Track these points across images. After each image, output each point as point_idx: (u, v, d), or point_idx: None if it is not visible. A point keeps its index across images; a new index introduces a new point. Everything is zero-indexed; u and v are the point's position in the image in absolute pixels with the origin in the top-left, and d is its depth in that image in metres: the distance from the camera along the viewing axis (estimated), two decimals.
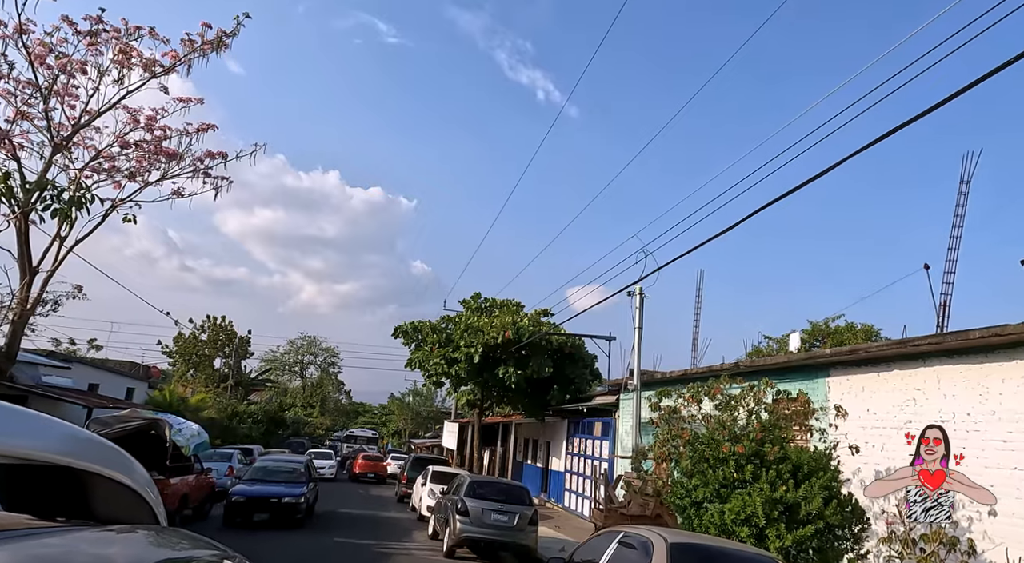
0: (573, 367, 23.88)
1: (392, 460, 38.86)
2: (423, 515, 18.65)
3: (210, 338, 46.24)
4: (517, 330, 22.17)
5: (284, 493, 14.21)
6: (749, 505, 6.76)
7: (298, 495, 14.28)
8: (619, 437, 19.76)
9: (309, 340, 66.32)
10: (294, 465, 16.33)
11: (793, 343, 17.26)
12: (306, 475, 15.80)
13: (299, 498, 14.21)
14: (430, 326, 24.95)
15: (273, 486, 14.54)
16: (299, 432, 54.41)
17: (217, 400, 33.85)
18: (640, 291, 12.98)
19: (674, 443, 9.08)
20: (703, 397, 9.13)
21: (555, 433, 26.02)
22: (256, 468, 16.18)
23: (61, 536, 1.13)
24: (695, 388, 9.21)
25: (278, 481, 14.98)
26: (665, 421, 9.67)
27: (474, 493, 12.95)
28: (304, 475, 15.71)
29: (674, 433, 9.24)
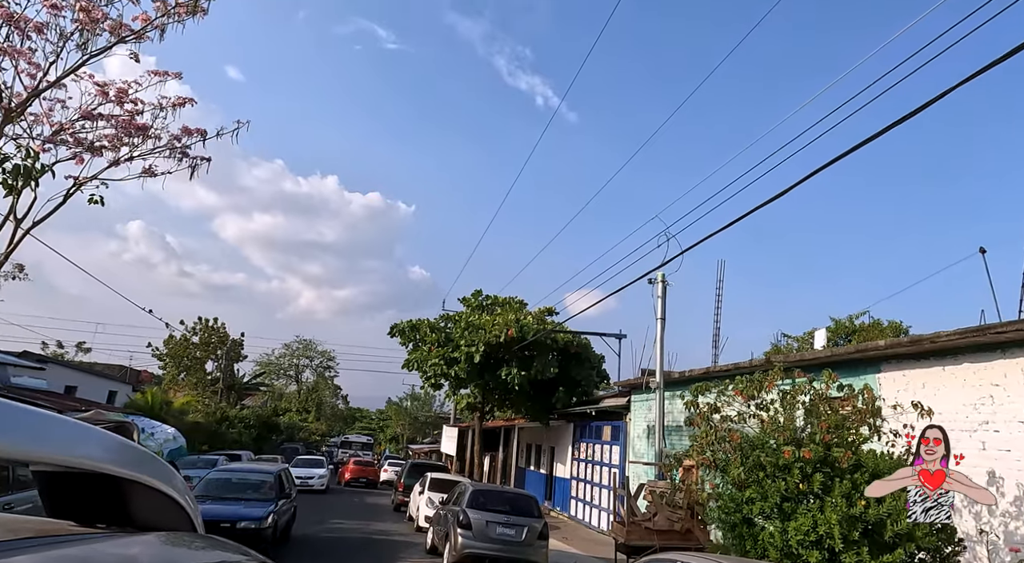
0: (579, 368, 22.57)
1: (389, 466, 37.52)
2: (421, 526, 17.33)
3: (202, 340, 44.79)
4: (521, 328, 20.87)
5: (242, 515, 11.28)
6: (822, 523, 5.49)
7: (260, 517, 11.33)
8: (631, 441, 18.45)
9: (305, 343, 64.92)
10: (261, 477, 13.20)
11: (819, 340, 15.98)
12: (276, 489, 12.76)
13: (262, 521, 11.27)
14: (428, 324, 23.63)
15: (229, 505, 11.58)
16: (294, 437, 52.95)
17: (205, 404, 32.47)
18: (663, 278, 11.69)
19: (719, 447, 7.75)
20: (755, 392, 7.80)
21: (560, 438, 24.69)
22: (210, 481, 13.03)
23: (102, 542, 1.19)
24: (744, 381, 7.91)
25: (237, 498, 12.10)
26: (705, 421, 8.34)
27: (477, 503, 11.62)
28: (273, 489, 12.71)
29: (719, 435, 7.92)
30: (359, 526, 17.51)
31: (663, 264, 10.51)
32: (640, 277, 10.68)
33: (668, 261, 10.44)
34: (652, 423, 17.23)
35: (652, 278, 11.62)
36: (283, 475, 13.92)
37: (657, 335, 11.46)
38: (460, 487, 12.94)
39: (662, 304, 11.59)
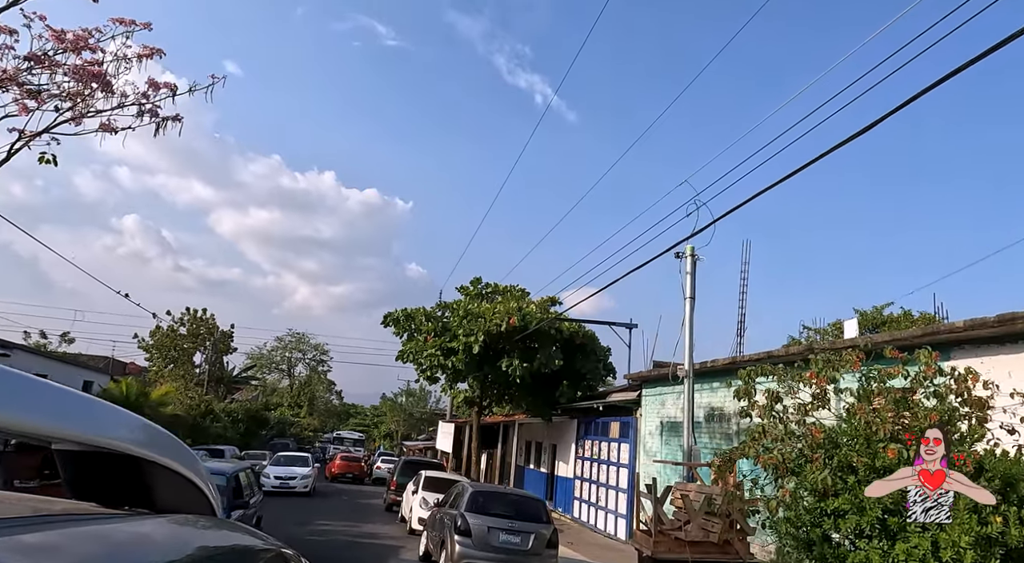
0: (585, 360, 21.18)
1: (382, 463, 36.12)
2: (414, 528, 15.93)
3: (190, 332, 43.28)
4: (523, 316, 19.46)
5: None
6: (946, 545, 4.15)
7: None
8: (642, 439, 17.08)
9: (297, 337, 63.44)
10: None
11: (850, 331, 14.56)
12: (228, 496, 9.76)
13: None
14: (424, 313, 22.21)
15: None
16: (285, 433, 51.48)
17: (189, 396, 30.97)
18: (692, 251, 10.27)
19: (788, 444, 6.32)
20: (836, 374, 6.36)
21: (562, 434, 23.31)
22: None
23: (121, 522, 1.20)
24: (821, 362, 6.49)
25: None
26: (767, 412, 6.92)
27: (478, 506, 10.22)
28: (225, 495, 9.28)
29: (787, 429, 6.49)
30: (346, 528, 16.09)
31: (693, 234, 9.15)
32: (666, 250, 9.30)
33: (698, 231, 9.08)
34: (667, 419, 15.84)
35: (680, 251, 10.17)
36: (242, 476, 11.35)
37: (685, 316, 10.00)
38: (458, 487, 11.53)
39: (691, 281, 10.14)
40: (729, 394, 12.04)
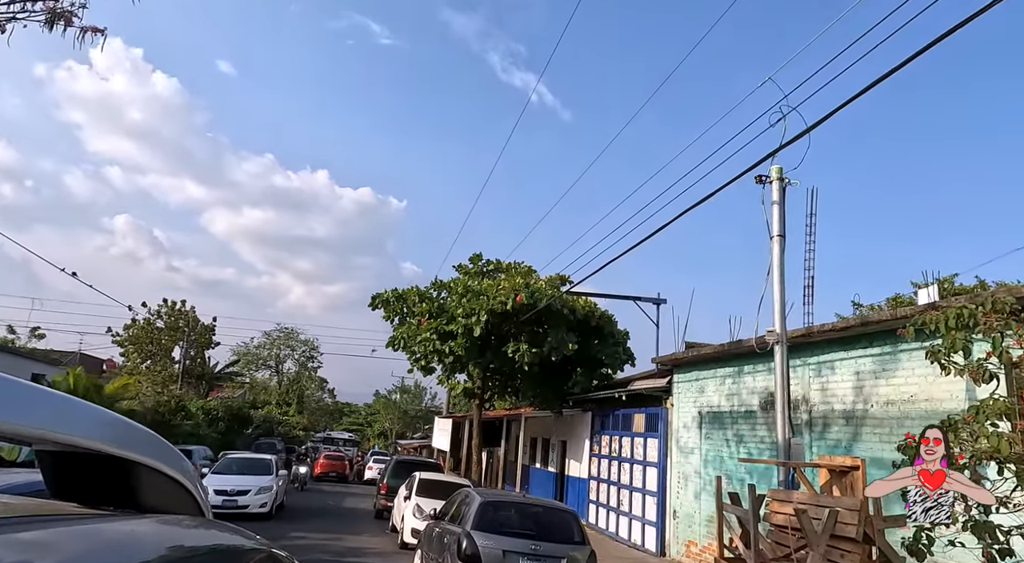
0: (603, 344, 18.61)
1: (374, 463, 33.62)
2: (406, 542, 13.39)
3: (168, 325, 40.51)
4: (532, 293, 16.87)
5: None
6: None
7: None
8: (674, 433, 14.54)
9: (286, 332, 60.59)
10: None
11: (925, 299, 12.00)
12: None
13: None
14: (417, 293, 19.60)
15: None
16: (272, 431, 48.72)
17: (157, 391, 28.26)
18: (779, 174, 7.66)
19: None
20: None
21: (573, 429, 20.76)
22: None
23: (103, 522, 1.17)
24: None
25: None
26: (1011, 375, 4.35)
27: (488, 522, 7.65)
28: None
29: None
30: (325, 541, 13.49)
31: (780, 148, 6.56)
32: (745, 172, 6.71)
33: (787, 143, 6.51)
34: (708, 408, 13.30)
35: (764, 175, 7.58)
36: None
37: (773, 260, 7.31)
38: (461, 496, 8.93)
39: (780, 213, 7.43)
40: (835, 371, 9.46)
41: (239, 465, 16.50)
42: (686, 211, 8.30)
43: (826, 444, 9.73)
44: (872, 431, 8.85)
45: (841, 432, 9.51)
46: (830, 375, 9.92)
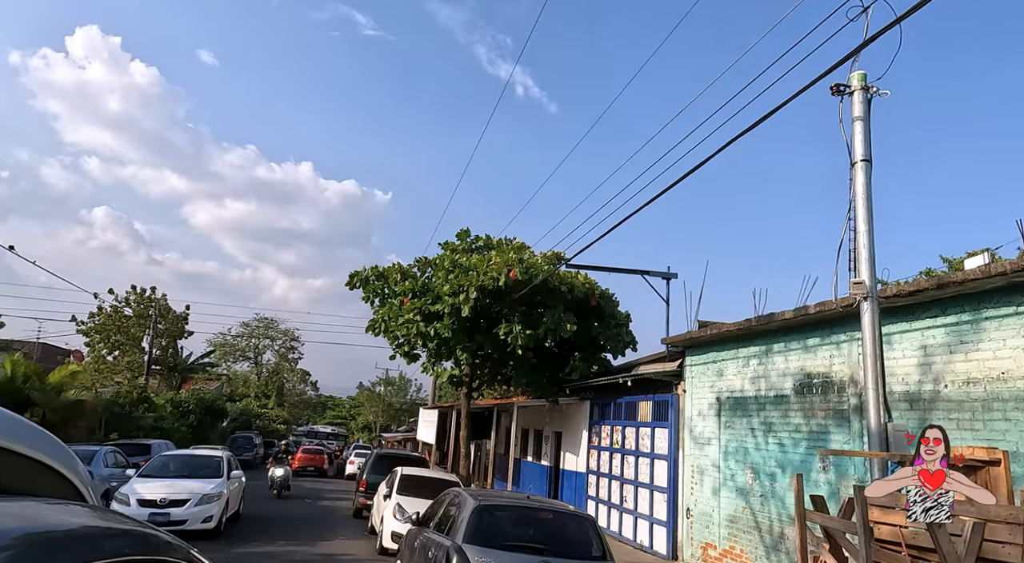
0: (604, 327, 17.00)
1: (355, 457, 31.94)
2: (386, 547, 11.75)
3: (137, 313, 38.28)
4: (526, 268, 15.20)
5: None
6: None
7: None
8: (686, 421, 12.99)
9: (265, 322, 58.38)
10: None
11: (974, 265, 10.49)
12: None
13: None
14: (400, 270, 17.85)
15: None
16: (250, 425, 46.69)
17: (116, 381, 26.27)
18: (863, 82, 5.99)
19: None
20: None
21: (569, 420, 19.20)
22: None
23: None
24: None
25: None
26: None
27: (486, 533, 6.00)
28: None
29: None
30: (292, 548, 11.77)
31: (863, 45, 4.92)
32: (818, 79, 5.05)
33: (870, 40, 4.88)
34: (728, 393, 11.74)
35: (844, 83, 5.88)
36: None
37: (857, 193, 5.49)
38: (450, 497, 7.24)
39: (864, 131, 5.65)
40: (893, 346, 7.80)
41: (178, 465, 12.71)
42: (726, 145, 6.65)
43: None
44: (948, 417, 7.32)
45: (904, 418, 7.97)
46: (887, 351, 8.37)
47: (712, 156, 7.81)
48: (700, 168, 7.51)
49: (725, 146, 6.12)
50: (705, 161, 7.83)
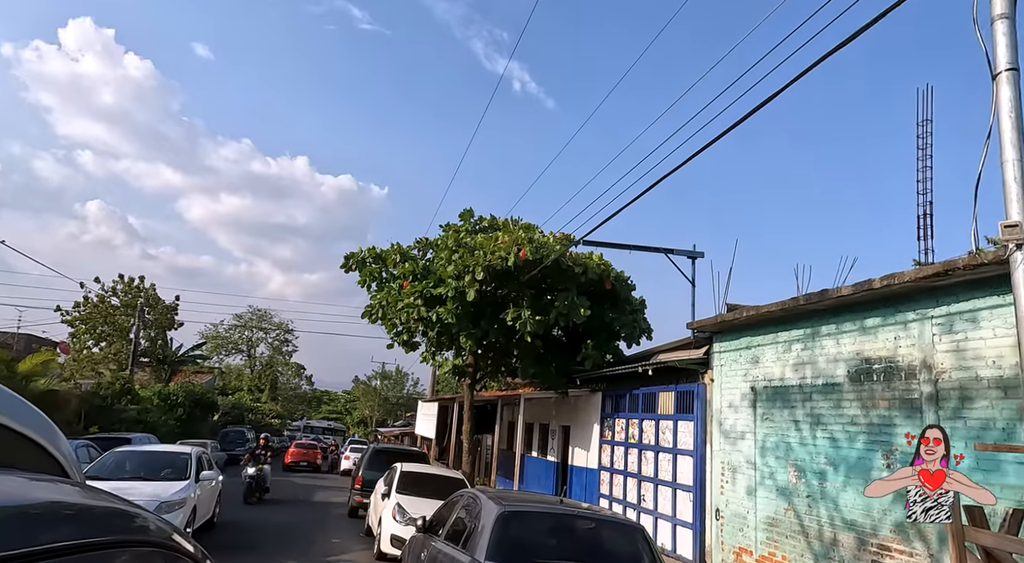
0: (618, 313, 15.80)
1: (351, 452, 30.74)
2: (384, 551, 10.58)
3: (124, 303, 36.95)
4: (537, 248, 13.99)
5: None
6: None
7: None
8: (715, 414, 11.83)
9: (259, 314, 57.01)
10: None
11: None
12: None
13: None
14: (399, 251, 16.62)
15: None
16: (242, 419, 45.44)
17: (97, 372, 24.99)
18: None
19: None
20: None
21: (579, 412, 18.04)
22: None
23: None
24: None
25: None
26: None
27: (513, 548, 4.80)
28: None
29: None
30: (282, 556, 10.57)
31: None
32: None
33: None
34: (766, 382, 10.57)
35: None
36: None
37: (1002, 110, 4.24)
38: (464, 501, 6.03)
39: (1008, 33, 4.14)
40: (978, 325, 6.57)
41: (136, 465, 10.84)
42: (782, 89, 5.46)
43: (966, 426, 7.04)
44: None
45: (993, 409, 6.81)
46: (969, 330, 7.21)
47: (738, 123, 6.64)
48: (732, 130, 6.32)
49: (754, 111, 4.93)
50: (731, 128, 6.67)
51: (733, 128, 6.91)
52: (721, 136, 7.27)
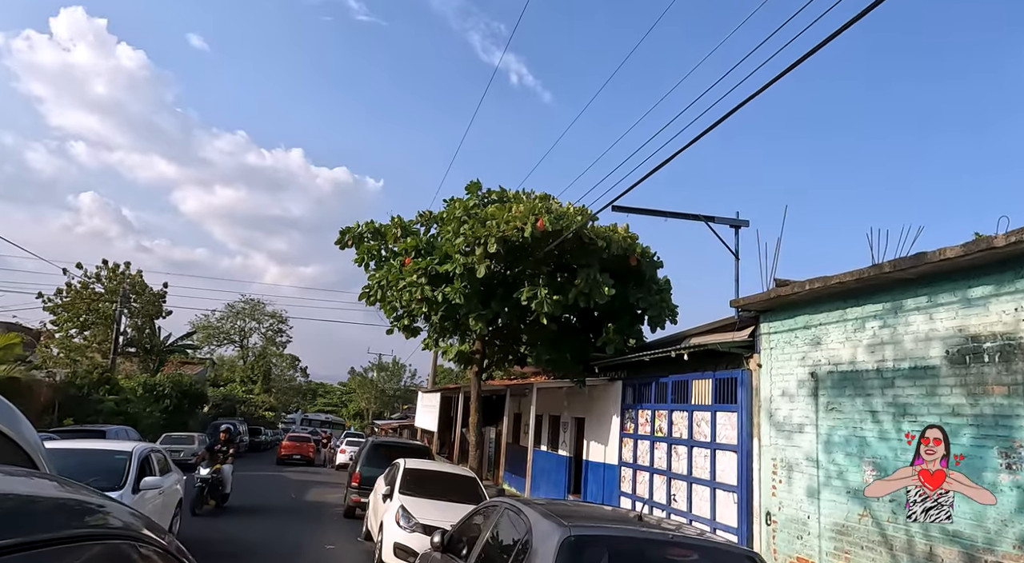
0: (644, 293, 14.29)
1: (347, 446, 29.29)
2: (385, 562, 9.06)
3: (109, 290, 35.26)
4: (557, 218, 12.46)
5: None
6: None
7: None
8: (763, 403, 10.34)
9: (251, 304, 55.31)
10: None
11: None
12: None
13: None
14: (400, 225, 15.06)
15: None
16: (234, 411, 43.89)
17: (73, 360, 23.42)
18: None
19: None
20: None
21: (595, 403, 16.56)
22: None
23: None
24: None
25: None
26: None
27: None
28: None
29: None
30: (264, 557, 9.06)
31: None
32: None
33: None
34: (830, 366, 9.09)
35: None
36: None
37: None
38: (502, 513, 4.48)
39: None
40: None
41: (54, 468, 7.09)
42: None
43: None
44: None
45: None
46: None
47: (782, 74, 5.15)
48: None
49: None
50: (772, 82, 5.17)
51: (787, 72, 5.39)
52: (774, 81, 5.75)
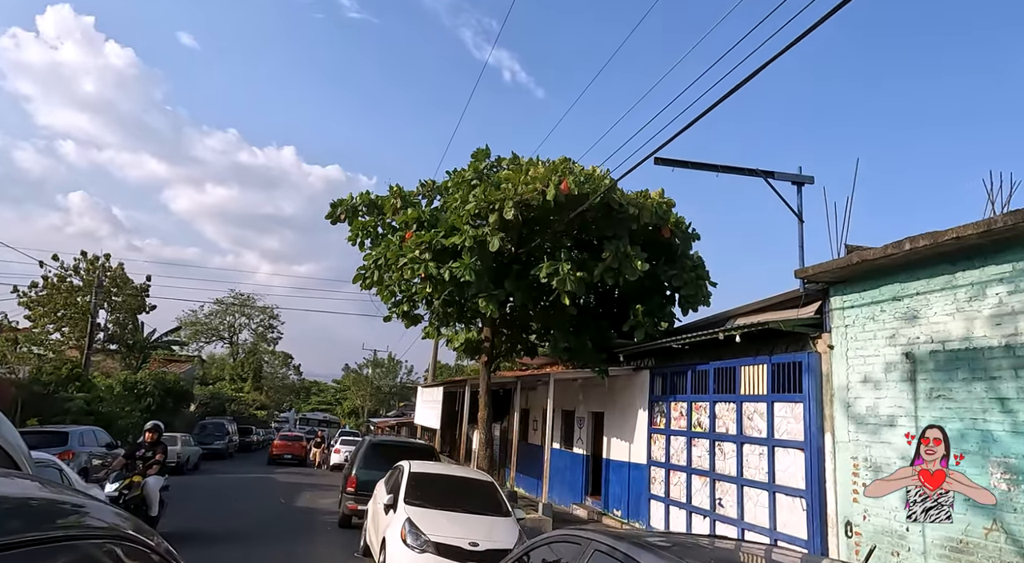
0: (677, 270, 12.59)
1: (342, 445, 27.57)
2: None
3: (88, 282, 33.33)
4: (583, 180, 10.74)
5: None
6: None
7: None
8: (836, 391, 8.68)
9: (241, 299, 53.37)
10: None
11: None
12: None
13: None
14: (399, 195, 13.32)
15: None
16: (223, 410, 42.02)
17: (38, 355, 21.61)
18: None
19: None
20: None
21: (616, 395, 14.88)
22: None
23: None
24: None
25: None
26: None
27: None
28: None
29: None
30: None
31: None
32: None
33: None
34: (928, 345, 7.42)
35: None
36: None
37: None
38: (580, 556, 2.87)
39: None
40: None
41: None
42: None
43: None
44: None
45: None
46: None
47: None
48: None
49: None
50: None
51: None
52: None
